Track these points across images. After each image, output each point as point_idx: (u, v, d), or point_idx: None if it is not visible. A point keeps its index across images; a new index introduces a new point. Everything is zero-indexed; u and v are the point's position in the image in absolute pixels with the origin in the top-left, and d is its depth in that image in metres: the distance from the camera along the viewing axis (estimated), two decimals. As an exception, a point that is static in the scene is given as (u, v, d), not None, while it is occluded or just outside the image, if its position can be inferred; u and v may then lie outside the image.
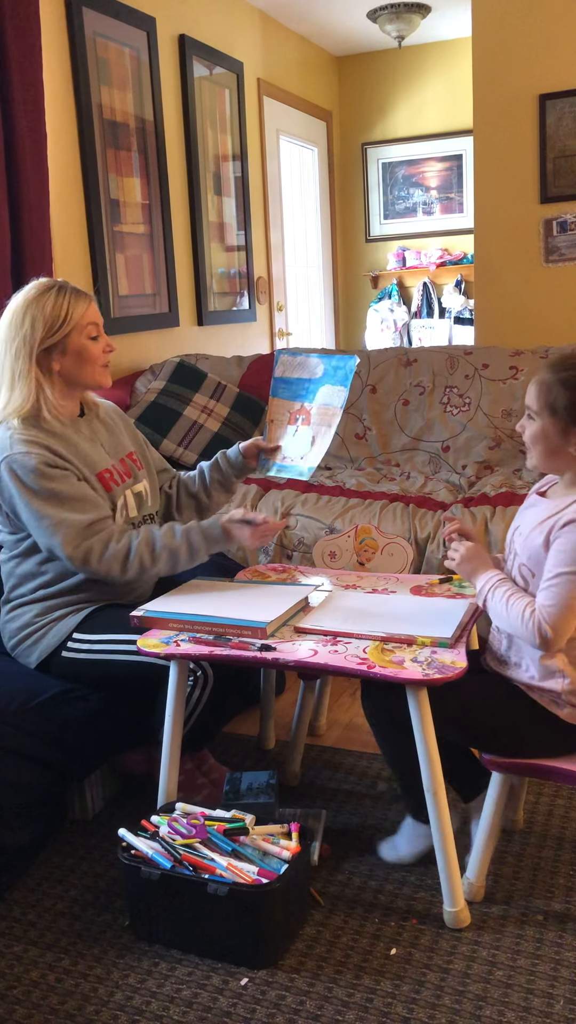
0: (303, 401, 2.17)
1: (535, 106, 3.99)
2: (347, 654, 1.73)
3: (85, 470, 2.08)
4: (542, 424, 1.72)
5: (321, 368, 2.17)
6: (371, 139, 5.94)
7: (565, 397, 1.68)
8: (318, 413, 2.14)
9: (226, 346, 4.61)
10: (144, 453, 2.33)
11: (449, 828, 1.73)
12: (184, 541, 2.03)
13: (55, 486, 1.99)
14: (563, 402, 1.69)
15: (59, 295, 2.05)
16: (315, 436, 2.13)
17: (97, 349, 2.10)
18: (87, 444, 2.13)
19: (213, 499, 2.34)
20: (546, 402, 1.71)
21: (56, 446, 2.04)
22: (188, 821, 1.80)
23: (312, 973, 1.68)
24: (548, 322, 4.10)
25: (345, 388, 2.12)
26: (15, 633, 2.15)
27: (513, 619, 1.68)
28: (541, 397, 1.71)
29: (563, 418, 1.69)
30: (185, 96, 4.12)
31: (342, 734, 2.57)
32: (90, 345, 2.08)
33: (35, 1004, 1.63)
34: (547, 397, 1.70)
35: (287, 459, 2.17)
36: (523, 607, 1.67)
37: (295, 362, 2.20)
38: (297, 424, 2.16)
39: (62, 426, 2.10)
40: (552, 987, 1.62)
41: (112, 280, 3.66)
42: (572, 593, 1.63)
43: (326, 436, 2.12)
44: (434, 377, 3.53)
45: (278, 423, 2.21)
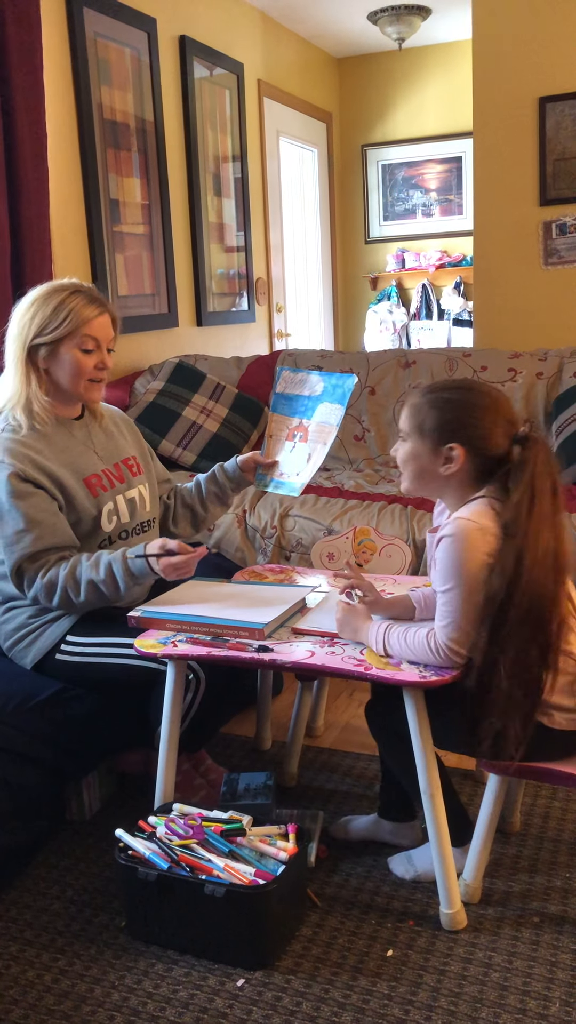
0: (302, 418, 2.18)
1: (535, 109, 4.00)
2: (344, 656, 1.73)
3: (68, 476, 2.05)
4: (412, 445, 1.74)
5: (321, 386, 2.17)
6: (371, 141, 5.94)
7: (433, 417, 1.70)
8: (315, 430, 2.15)
9: (225, 347, 4.61)
10: (147, 461, 2.32)
11: (446, 830, 1.74)
12: (107, 574, 1.97)
13: (18, 503, 1.97)
14: (431, 423, 1.70)
15: (70, 297, 2.02)
16: (311, 454, 2.14)
17: (87, 363, 2.04)
18: (79, 447, 2.12)
19: (209, 511, 2.33)
20: (415, 423, 1.73)
21: (40, 453, 2.02)
22: (185, 822, 1.80)
23: (309, 974, 1.68)
24: (547, 324, 4.10)
25: (342, 406, 2.13)
26: (10, 635, 2.15)
27: (419, 651, 1.67)
28: (411, 419, 1.74)
29: (431, 438, 1.71)
30: (185, 97, 4.13)
31: (339, 735, 2.57)
32: (80, 357, 2.03)
33: (31, 1004, 1.63)
34: (416, 418, 1.73)
35: (283, 475, 2.17)
36: (423, 637, 1.67)
37: (296, 379, 2.21)
38: (295, 441, 2.17)
39: (55, 425, 2.10)
40: (548, 989, 1.62)
41: (111, 280, 3.66)
42: (460, 604, 1.63)
43: (320, 453, 2.13)
44: (433, 379, 3.53)
45: (276, 438, 2.21)
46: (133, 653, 1.97)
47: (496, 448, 1.69)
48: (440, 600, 1.67)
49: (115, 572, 1.97)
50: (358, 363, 3.66)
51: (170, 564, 1.93)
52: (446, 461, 1.70)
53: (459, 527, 1.64)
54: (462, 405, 1.70)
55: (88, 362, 2.05)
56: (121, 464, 2.21)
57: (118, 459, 2.21)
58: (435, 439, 1.70)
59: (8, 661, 2.17)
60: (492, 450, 1.69)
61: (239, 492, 2.32)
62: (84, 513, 2.07)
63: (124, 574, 1.97)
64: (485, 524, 1.64)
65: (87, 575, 1.97)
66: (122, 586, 1.97)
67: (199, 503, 2.32)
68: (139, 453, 2.29)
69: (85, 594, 1.97)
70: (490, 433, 1.69)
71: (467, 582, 1.62)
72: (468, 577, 1.62)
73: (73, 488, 2.06)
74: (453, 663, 1.65)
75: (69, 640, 2.07)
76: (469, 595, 1.62)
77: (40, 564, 1.99)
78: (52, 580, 1.98)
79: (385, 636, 1.72)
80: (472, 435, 1.69)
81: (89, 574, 1.97)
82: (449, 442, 1.69)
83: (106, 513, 2.10)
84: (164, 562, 1.93)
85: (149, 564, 1.96)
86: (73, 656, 2.06)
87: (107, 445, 2.21)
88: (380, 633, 1.73)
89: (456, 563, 1.63)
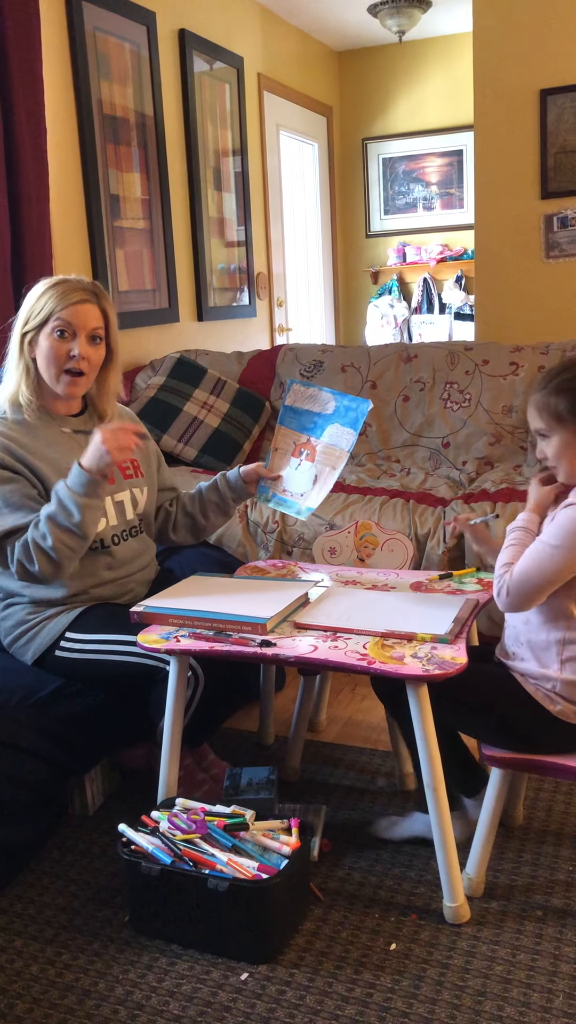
0: (310, 435, 2.15)
1: (536, 101, 3.99)
2: (347, 650, 1.73)
3: (50, 472, 2.04)
4: (559, 436, 1.74)
5: (332, 405, 2.14)
6: (371, 134, 5.93)
7: (565, 402, 1.71)
8: (323, 452, 2.12)
9: (226, 342, 4.61)
10: (150, 465, 2.31)
11: (449, 823, 1.74)
12: (56, 501, 1.93)
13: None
14: (564, 406, 1.71)
15: (52, 288, 2.04)
16: (318, 475, 2.11)
17: (59, 350, 2.02)
18: (67, 443, 2.11)
19: (210, 520, 2.30)
20: (552, 415, 1.73)
21: (23, 446, 2.02)
22: (188, 816, 1.80)
23: (312, 968, 1.68)
24: (549, 318, 4.10)
25: (355, 432, 2.09)
26: (10, 631, 2.15)
27: (499, 565, 1.75)
28: (544, 413, 1.74)
29: (571, 421, 1.72)
30: (185, 91, 4.12)
31: (342, 730, 2.57)
32: (52, 344, 2.02)
33: (35, 999, 1.63)
34: (550, 411, 1.73)
35: (287, 492, 2.14)
36: (505, 561, 1.74)
37: (307, 393, 2.18)
38: (301, 458, 2.14)
39: (46, 420, 2.10)
40: (551, 982, 1.62)
41: (112, 275, 3.65)
42: (544, 563, 1.67)
43: (329, 478, 2.10)
44: (434, 373, 3.52)
45: (282, 452, 2.18)
46: (132, 650, 1.98)
47: None
48: (536, 547, 1.70)
49: (60, 495, 1.93)
50: (359, 357, 3.66)
51: (107, 430, 1.92)
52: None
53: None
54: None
55: (60, 348, 2.02)
56: (113, 465, 2.19)
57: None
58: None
59: (10, 657, 2.18)
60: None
61: (240, 503, 2.29)
62: None
63: (66, 491, 1.92)
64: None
65: (43, 513, 1.94)
66: (71, 504, 1.91)
67: (200, 512, 2.29)
68: (141, 457, 2.27)
69: (51, 535, 1.91)
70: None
71: (571, 549, 1.65)
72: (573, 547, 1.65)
73: (52, 482, 2.03)
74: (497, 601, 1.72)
75: (68, 637, 2.07)
76: (562, 561, 1.66)
77: (18, 535, 1.97)
78: (24, 542, 1.95)
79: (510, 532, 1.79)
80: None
81: (44, 511, 1.94)
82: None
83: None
84: (103, 430, 1.91)
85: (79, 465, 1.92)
86: (72, 653, 2.06)
87: None
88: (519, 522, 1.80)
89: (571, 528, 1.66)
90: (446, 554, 2.76)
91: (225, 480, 2.25)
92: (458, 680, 1.66)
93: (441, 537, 2.77)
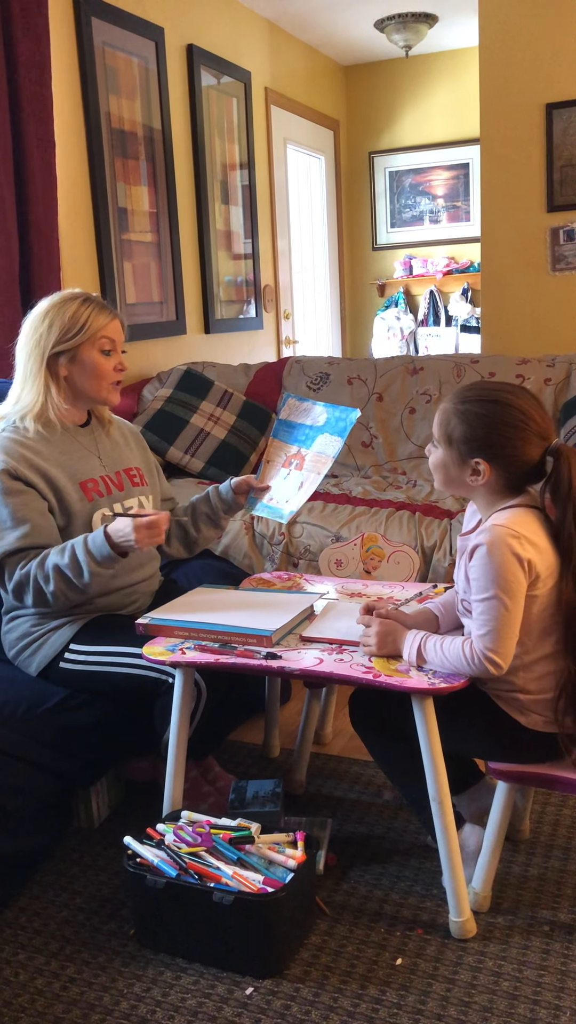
0: (300, 446, 2.18)
1: (542, 115, 4.00)
2: (352, 663, 1.73)
3: (63, 478, 2.07)
4: (441, 453, 1.74)
5: (324, 417, 2.18)
6: (378, 148, 5.95)
7: (460, 431, 1.70)
8: (312, 460, 2.15)
9: (233, 354, 4.62)
10: (152, 475, 2.33)
11: (455, 837, 1.73)
12: (70, 557, 1.95)
13: (8, 500, 1.99)
14: (458, 434, 1.70)
15: (83, 305, 2.07)
16: (303, 482, 2.13)
17: (107, 365, 2.10)
18: (80, 451, 2.14)
19: (201, 532, 2.30)
20: (444, 432, 1.72)
21: (37, 453, 2.05)
22: (193, 829, 1.80)
23: (317, 983, 1.67)
24: (555, 330, 4.10)
25: (342, 439, 2.13)
26: (14, 643, 2.16)
27: (455, 661, 1.66)
28: (440, 426, 1.73)
29: (457, 450, 1.71)
30: (193, 105, 4.14)
31: (348, 743, 2.57)
32: (100, 359, 2.09)
33: (40, 1012, 1.63)
34: (445, 427, 1.72)
35: (273, 500, 2.16)
36: (459, 646, 1.66)
37: (301, 407, 2.21)
38: (290, 468, 2.16)
39: (61, 431, 2.12)
40: (558, 998, 1.61)
41: (120, 288, 3.67)
42: (499, 613, 1.63)
43: (313, 483, 2.12)
44: (441, 385, 3.53)
45: (273, 464, 2.21)
46: (136, 662, 1.98)
47: (526, 462, 1.69)
48: (477, 609, 1.66)
49: (76, 553, 1.95)
50: (366, 369, 3.66)
51: (143, 523, 1.91)
52: (473, 473, 1.71)
53: (496, 535, 1.63)
54: (490, 423, 1.67)
55: (108, 364, 2.10)
56: (123, 473, 2.21)
57: (120, 467, 2.21)
58: (462, 451, 1.70)
59: (15, 668, 2.18)
60: (521, 465, 1.69)
61: (231, 515, 2.29)
62: (76, 516, 2.08)
63: (84, 553, 1.94)
64: (521, 531, 1.64)
65: (53, 560, 1.96)
66: (84, 568, 1.93)
67: (191, 523, 2.29)
68: (144, 465, 2.30)
69: (54, 582, 1.95)
70: (519, 451, 1.67)
71: (505, 590, 1.62)
72: (506, 585, 1.62)
73: (66, 489, 2.07)
74: (489, 673, 1.65)
75: (73, 648, 2.07)
76: (508, 604, 1.62)
77: (19, 558, 1.99)
78: (26, 572, 1.97)
79: (421, 646, 1.70)
80: (499, 453, 1.68)
81: (55, 559, 1.96)
82: (475, 457, 1.69)
83: (98, 519, 2.10)
84: (138, 520, 1.91)
85: (108, 537, 1.93)
86: (77, 664, 2.06)
87: (111, 452, 2.22)
88: (415, 642, 1.71)
89: (494, 571, 1.62)
90: (452, 566, 2.76)
91: (216, 492, 2.26)
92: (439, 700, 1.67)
93: (447, 549, 2.77)
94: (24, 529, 1.99)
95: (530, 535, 1.65)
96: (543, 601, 1.68)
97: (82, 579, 1.95)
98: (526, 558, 1.62)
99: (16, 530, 1.99)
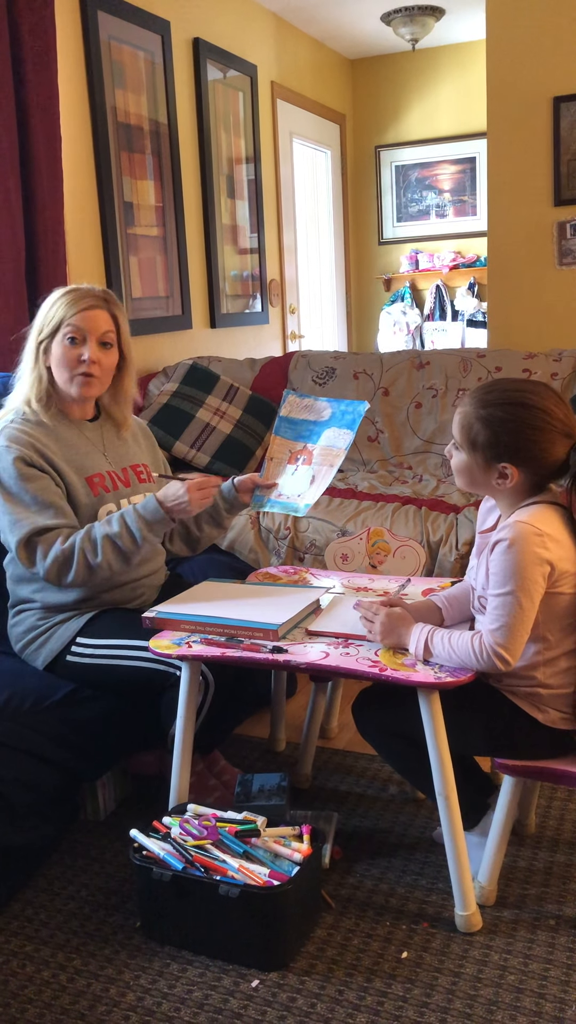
0: (306, 442, 2.16)
1: (549, 108, 3.98)
2: (359, 657, 1.73)
3: (70, 472, 2.08)
4: (465, 458, 1.73)
5: (328, 412, 2.16)
6: (384, 142, 5.94)
7: (484, 436, 1.68)
8: (320, 453, 2.13)
9: (239, 348, 4.62)
10: (159, 472, 2.33)
11: (461, 831, 1.73)
12: (121, 525, 1.97)
13: (25, 485, 2.00)
14: (482, 440, 1.69)
15: (62, 296, 2.09)
16: (315, 475, 2.12)
17: (70, 355, 2.06)
18: (86, 446, 2.15)
19: (203, 532, 2.29)
20: (467, 438, 1.71)
21: (45, 446, 2.06)
22: (200, 822, 1.80)
23: (323, 976, 1.67)
24: (561, 325, 4.09)
25: (352, 431, 2.12)
26: (20, 637, 2.16)
27: (463, 655, 1.65)
28: (463, 432, 1.72)
29: (483, 455, 1.70)
30: (199, 99, 4.13)
31: (353, 737, 2.57)
32: (63, 349, 2.06)
33: (46, 1004, 1.63)
34: (468, 433, 1.71)
35: (283, 496, 2.14)
36: (468, 640, 1.66)
37: (302, 404, 2.20)
38: (297, 464, 2.15)
39: (65, 423, 2.13)
40: (564, 992, 1.61)
41: (125, 282, 3.67)
42: (514, 611, 1.62)
43: (327, 476, 2.10)
44: (447, 380, 3.52)
45: (278, 461, 2.19)
46: (143, 655, 1.98)
47: (553, 463, 1.69)
48: (493, 603, 1.65)
49: (128, 522, 1.98)
50: (372, 364, 3.66)
51: (194, 484, 1.95)
52: (500, 477, 1.70)
53: (518, 531, 1.63)
54: (515, 427, 1.66)
55: (71, 353, 2.07)
56: (129, 469, 2.21)
57: (127, 464, 2.22)
58: (487, 456, 1.69)
59: (22, 661, 2.18)
60: (549, 466, 1.69)
61: (234, 515, 2.28)
62: (81, 510, 2.09)
63: (137, 520, 1.97)
64: (544, 529, 1.63)
65: (101, 532, 1.98)
66: (137, 534, 1.97)
67: (193, 522, 2.28)
68: (152, 462, 2.31)
69: (102, 554, 1.97)
70: (546, 452, 1.67)
71: (523, 588, 1.62)
72: (524, 583, 1.62)
73: (73, 483, 2.08)
74: (497, 668, 1.65)
75: (79, 642, 2.08)
76: (525, 600, 1.62)
77: (55, 535, 1.99)
78: (69, 548, 1.97)
79: (428, 639, 1.70)
80: (526, 456, 1.67)
81: (103, 530, 1.98)
82: (501, 461, 1.68)
83: (104, 513, 2.11)
84: (190, 482, 1.94)
85: (161, 504, 1.97)
86: (83, 658, 2.07)
87: (118, 448, 2.22)
88: (422, 636, 1.71)
89: (514, 567, 1.62)
90: (458, 561, 2.75)
91: (219, 491, 2.24)
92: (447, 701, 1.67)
93: (453, 544, 2.77)
94: (51, 511, 2.01)
95: (553, 532, 1.65)
96: (568, 598, 1.69)
97: (136, 545, 1.98)
98: (547, 558, 1.63)
99: (45, 511, 2.00)
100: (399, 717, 1.77)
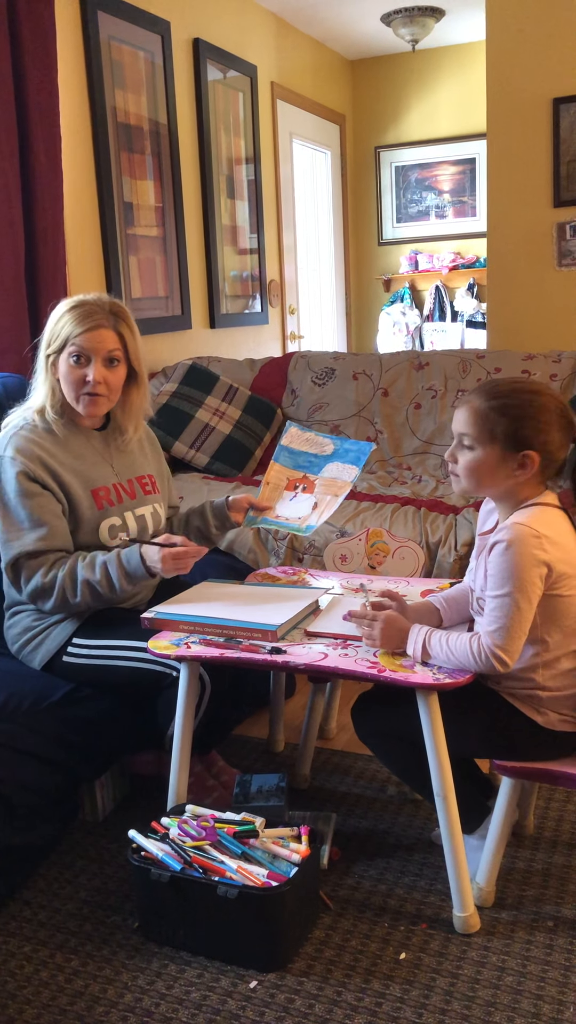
0: (306, 472, 2.17)
1: (548, 110, 3.99)
2: (357, 658, 1.73)
3: (76, 484, 2.07)
4: (480, 453, 1.71)
5: (331, 447, 2.18)
6: (384, 143, 5.94)
7: (504, 425, 1.68)
8: (323, 484, 2.14)
9: (238, 349, 4.62)
10: (164, 482, 2.33)
11: (459, 832, 1.73)
12: (102, 574, 1.98)
13: (23, 501, 2.01)
14: (502, 429, 1.68)
15: (69, 312, 2.07)
16: (318, 503, 2.13)
17: (75, 375, 2.05)
18: (94, 457, 2.15)
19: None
20: (484, 430, 1.69)
21: (52, 456, 2.06)
22: (198, 823, 1.80)
23: (321, 977, 1.67)
24: (561, 326, 4.09)
25: (358, 468, 2.14)
26: (17, 638, 2.17)
27: (461, 656, 1.65)
28: (476, 425, 1.70)
29: (502, 444, 1.69)
30: (199, 99, 4.14)
31: (352, 738, 2.57)
32: (69, 369, 2.06)
33: (44, 1004, 1.63)
34: (484, 425, 1.69)
35: (281, 518, 2.15)
36: (467, 641, 1.65)
37: (303, 436, 2.21)
38: (296, 492, 2.16)
39: (74, 432, 2.13)
40: (562, 993, 1.61)
41: (125, 283, 3.67)
42: (511, 612, 1.63)
43: (331, 505, 2.11)
44: (446, 381, 3.52)
45: (274, 486, 2.20)
46: (140, 656, 1.99)
47: (562, 452, 1.69)
48: (490, 605, 1.66)
49: (110, 571, 1.99)
50: (371, 365, 3.66)
51: (170, 553, 1.94)
52: (519, 467, 1.69)
53: (516, 533, 1.63)
54: (534, 412, 1.67)
55: (76, 373, 2.06)
56: (135, 481, 2.21)
57: (133, 475, 2.21)
58: (506, 446, 1.68)
59: (19, 663, 2.18)
60: (559, 454, 1.70)
61: (224, 532, 2.27)
62: (85, 522, 2.09)
63: (119, 572, 1.98)
64: (542, 531, 1.64)
65: (82, 575, 1.99)
66: (117, 584, 1.99)
67: (183, 534, 2.27)
68: (157, 473, 2.31)
69: (81, 595, 2.00)
70: (559, 439, 1.69)
71: (520, 590, 1.62)
72: (522, 585, 1.62)
73: (78, 495, 2.08)
74: (495, 670, 1.64)
75: (76, 642, 2.08)
76: (523, 602, 1.62)
77: (40, 562, 2.01)
78: (50, 581, 2.00)
79: (426, 640, 1.70)
80: (546, 440, 1.68)
81: (84, 574, 1.99)
82: (523, 449, 1.68)
83: (106, 527, 2.11)
84: (165, 551, 1.95)
85: (143, 560, 1.97)
86: (80, 659, 2.07)
87: (125, 459, 2.22)
88: (420, 637, 1.71)
89: (512, 569, 1.62)
90: (457, 562, 2.75)
91: (210, 507, 2.25)
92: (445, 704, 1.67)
93: (452, 545, 2.77)
94: (42, 532, 2.00)
95: (552, 534, 1.65)
96: (569, 600, 1.69)
97: (114, 592, 2.00)
98: (544, 560, 1.63)
99: (34, 532, 2.00)
100: (398, 719, 1.77)
